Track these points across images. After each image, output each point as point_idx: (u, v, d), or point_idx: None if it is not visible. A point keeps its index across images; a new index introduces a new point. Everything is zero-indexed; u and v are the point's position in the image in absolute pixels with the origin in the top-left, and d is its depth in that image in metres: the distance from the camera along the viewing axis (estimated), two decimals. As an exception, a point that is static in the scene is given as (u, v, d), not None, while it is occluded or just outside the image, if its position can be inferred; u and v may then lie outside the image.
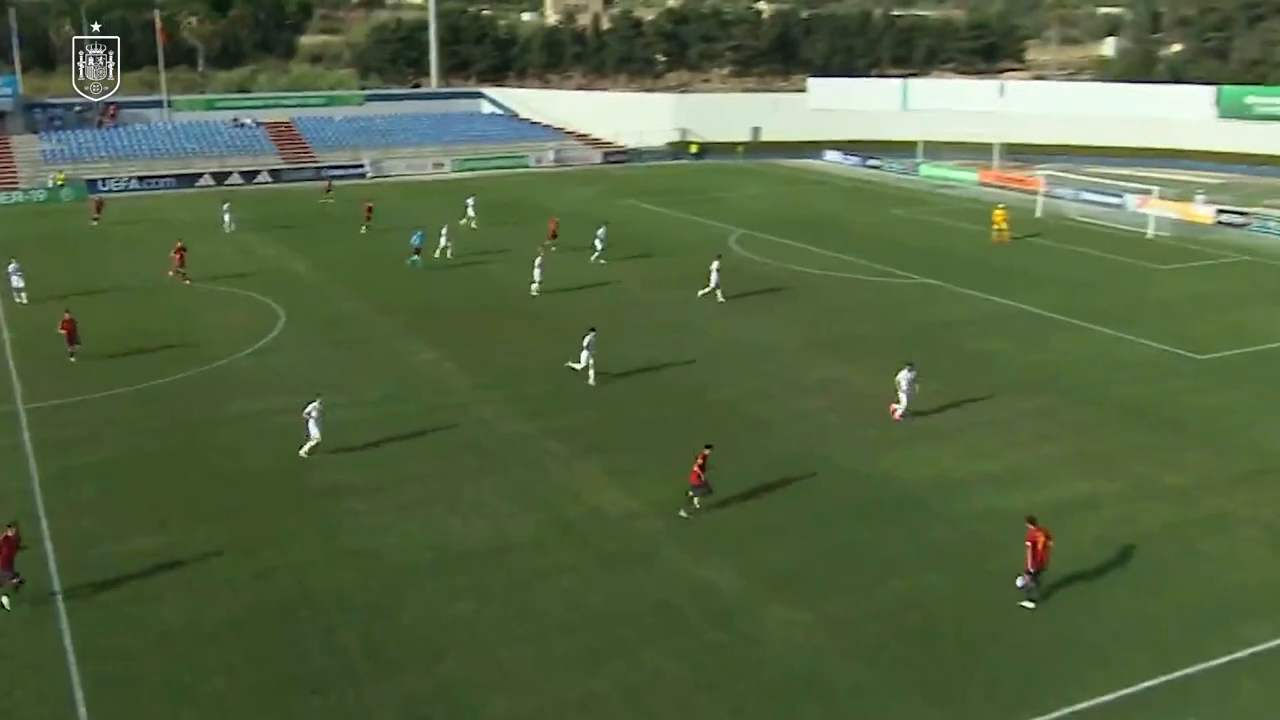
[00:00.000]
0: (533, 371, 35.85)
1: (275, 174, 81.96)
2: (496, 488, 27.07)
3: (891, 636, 20.86)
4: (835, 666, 19.98)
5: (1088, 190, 73.59)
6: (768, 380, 35.21)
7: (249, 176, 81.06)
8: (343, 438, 29.45)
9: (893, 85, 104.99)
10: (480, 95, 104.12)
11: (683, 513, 25.46)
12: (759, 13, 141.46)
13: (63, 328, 37.15)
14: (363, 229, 60.02)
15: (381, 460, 28.68)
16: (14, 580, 21.84)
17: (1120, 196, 71.31)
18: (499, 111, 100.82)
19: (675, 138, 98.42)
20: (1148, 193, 67.29)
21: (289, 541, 24.34)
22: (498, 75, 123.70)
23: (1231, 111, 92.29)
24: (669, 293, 46.68)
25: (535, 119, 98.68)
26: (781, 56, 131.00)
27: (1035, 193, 72.03)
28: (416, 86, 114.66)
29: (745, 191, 77.09)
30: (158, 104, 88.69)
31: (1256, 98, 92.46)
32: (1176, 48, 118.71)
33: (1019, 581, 22.02)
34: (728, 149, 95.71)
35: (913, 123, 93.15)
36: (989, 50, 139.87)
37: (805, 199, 72.16)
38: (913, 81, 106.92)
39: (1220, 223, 65.59)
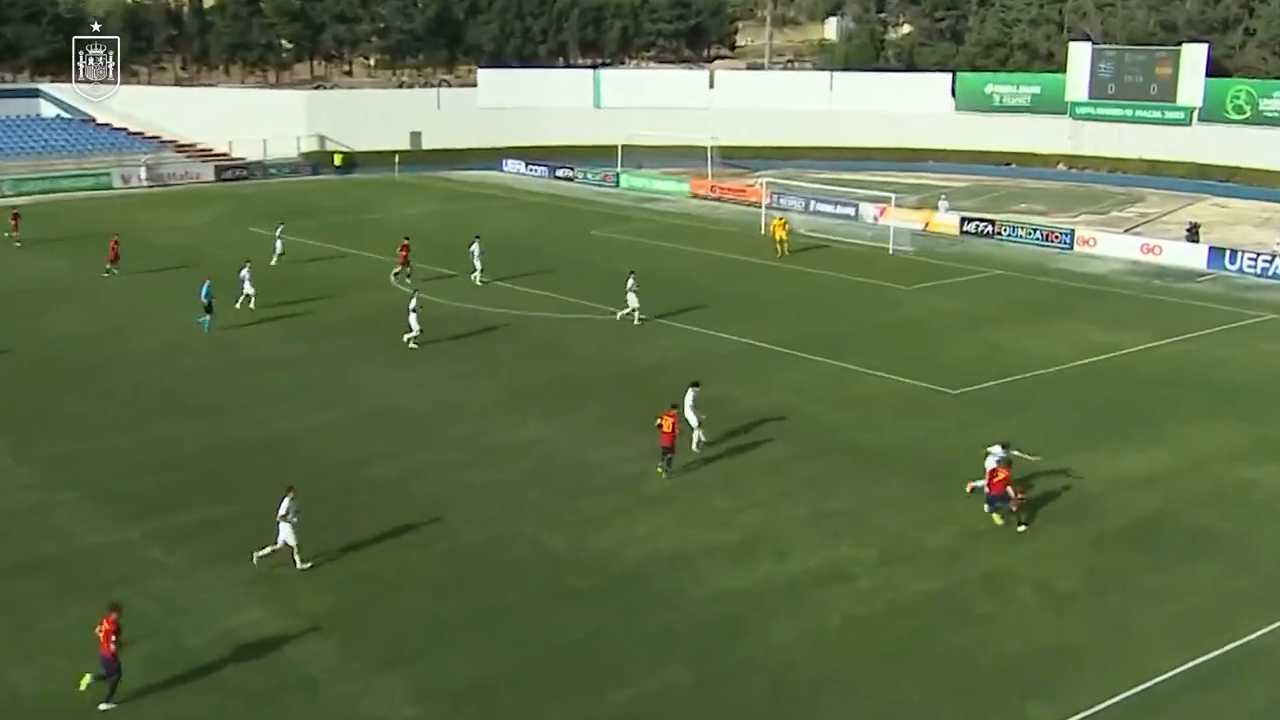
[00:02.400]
0: (123, 453, 34.42)
1: None
2: (83, 619, 25.34)
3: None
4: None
5: (818, 199, 78.04)
6: (453, 447, 35.15)
7: None
8: None
9: (582, 77, 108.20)
10: (38, 93, 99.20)
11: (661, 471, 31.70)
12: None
13: None
14: None
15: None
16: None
17: (855, 206, 76.05)
18: (66, 115, 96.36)
19: (313, 146, 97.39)
20: (885, 200, 72.17)
21: None
22: (62, 67, 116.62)
23: (970, 102, 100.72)
24: (317, 344, 46.12)
25: (120, 124, 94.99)
26: (444, 42, 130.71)
27: (758, 205, 75.72)
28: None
29: (406, 212, 76.95)
30: None
31: (997, 85, 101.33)
32: (906, 29, 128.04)
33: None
34: (383, 160, 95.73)
35: (609, 123, 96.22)
36: (695, 34, 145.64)
37: (483, 220, 72.71)
38: (606, 73, 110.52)
39: (967, 233, 71.14)
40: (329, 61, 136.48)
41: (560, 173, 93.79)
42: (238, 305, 49.94)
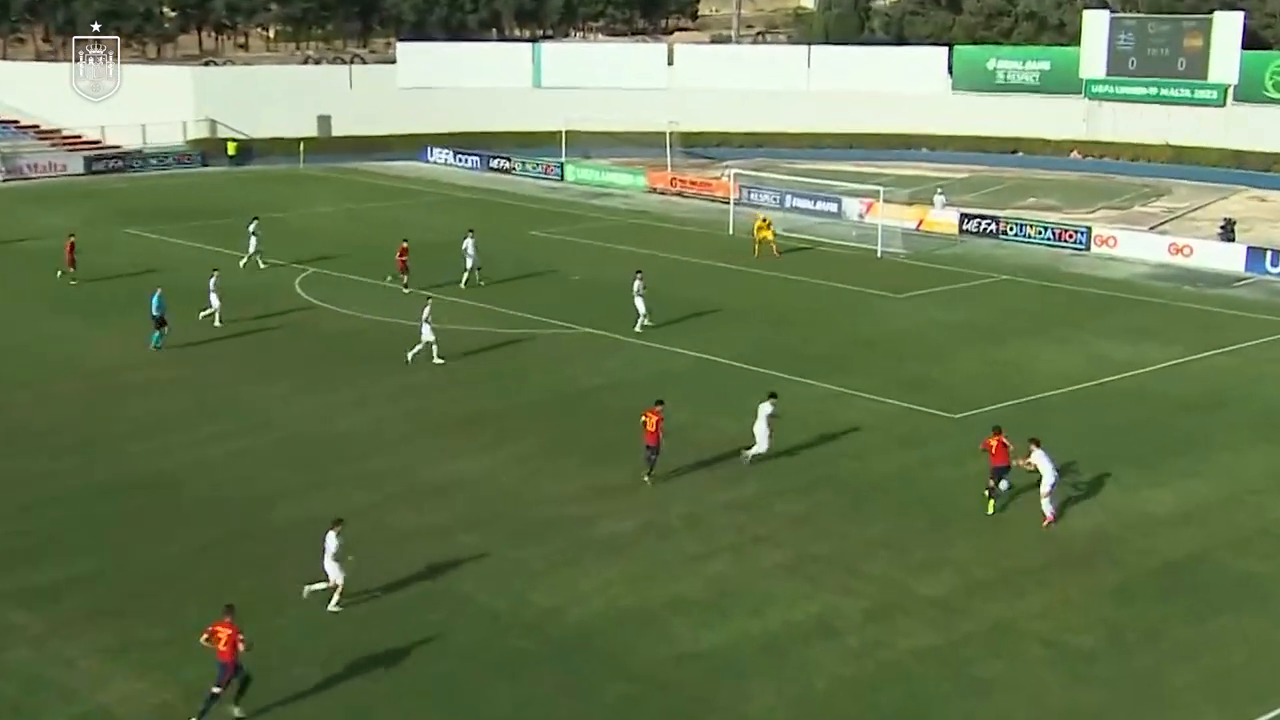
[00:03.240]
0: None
1: None
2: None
3: None
4: None
5: (795, 194, 78.32)
6: (371, 484, 34.93)
7: None
8: None
9: (519, 53, 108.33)
10: None
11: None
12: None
13: None
14: None
15: None
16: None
17: (838, 202, 76.36)
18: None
19: (203, 133, 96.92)
20: (873, 195, 72.50)
21: None
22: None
23: (969, 81, 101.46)
24: (206, 365, 46.07)
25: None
26: (356, 10, 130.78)
27: (725, 200, 75.85)
28: None
29: (313, 210, 76.75)
30: None
31: (1000, 61, 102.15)
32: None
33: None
34: (285, 148, 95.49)
35: (551, 106, 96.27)
36: (651, 1, 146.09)
37: (405, 219, 72.56)
38: (547, 47, 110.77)
39: (967, 231, 71.56)
40: (220, 33, 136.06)
41: (495, 164, 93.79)
42: (200, 316, 50.22)
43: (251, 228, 60.72)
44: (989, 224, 71.61)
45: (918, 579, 29.95)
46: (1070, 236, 69.02)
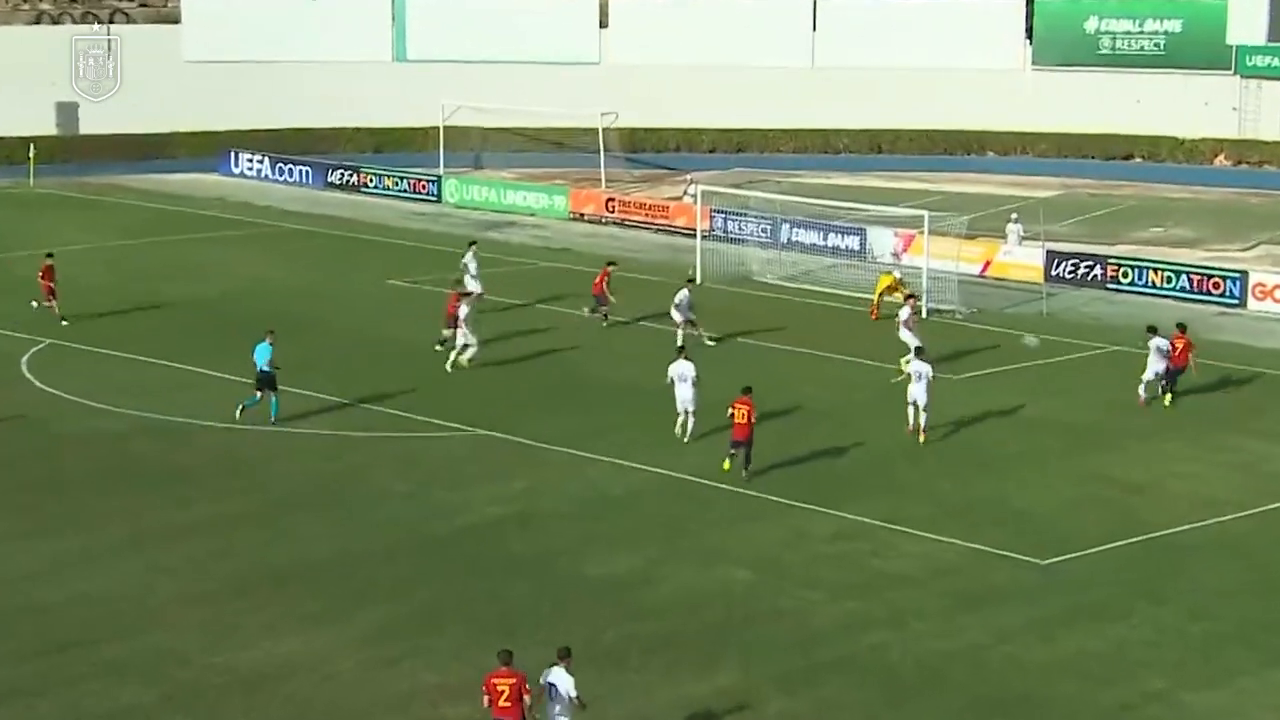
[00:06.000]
0: None
1: None
2: None
3: None
4: None
5: (797, 222, 78.20)
6: (128, 677, 34.34)
7: None
8: None
9: (372, 10, 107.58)
10: None
11: None
12: None
13: None
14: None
15: None
16: None
17: (860, 233, 76.26)
18: None
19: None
20: (914, 224, 72.58)
21: None
22: None
23: (1058, 51, 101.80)
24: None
25: None
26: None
27: (688, 231, 75.69)
28: None
29: (54, 248, 76.18)
30: None
31: (1107, 21, 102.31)
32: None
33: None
34: (6, 153, 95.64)
35: (422, 89, 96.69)
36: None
37: (199, 261, 72.27)
38: (415, 2, 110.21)
39: (1057, 278, 71.65)
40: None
41: (337, 177, 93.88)
42: (454, 356, 56.37)
43: (469, 260, 62.53)
44: (1091, 267, 71.94)
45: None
46: (1215, 286, 69.32)
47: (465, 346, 56.37)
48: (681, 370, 49.16)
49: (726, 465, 45.79)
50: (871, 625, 37.35)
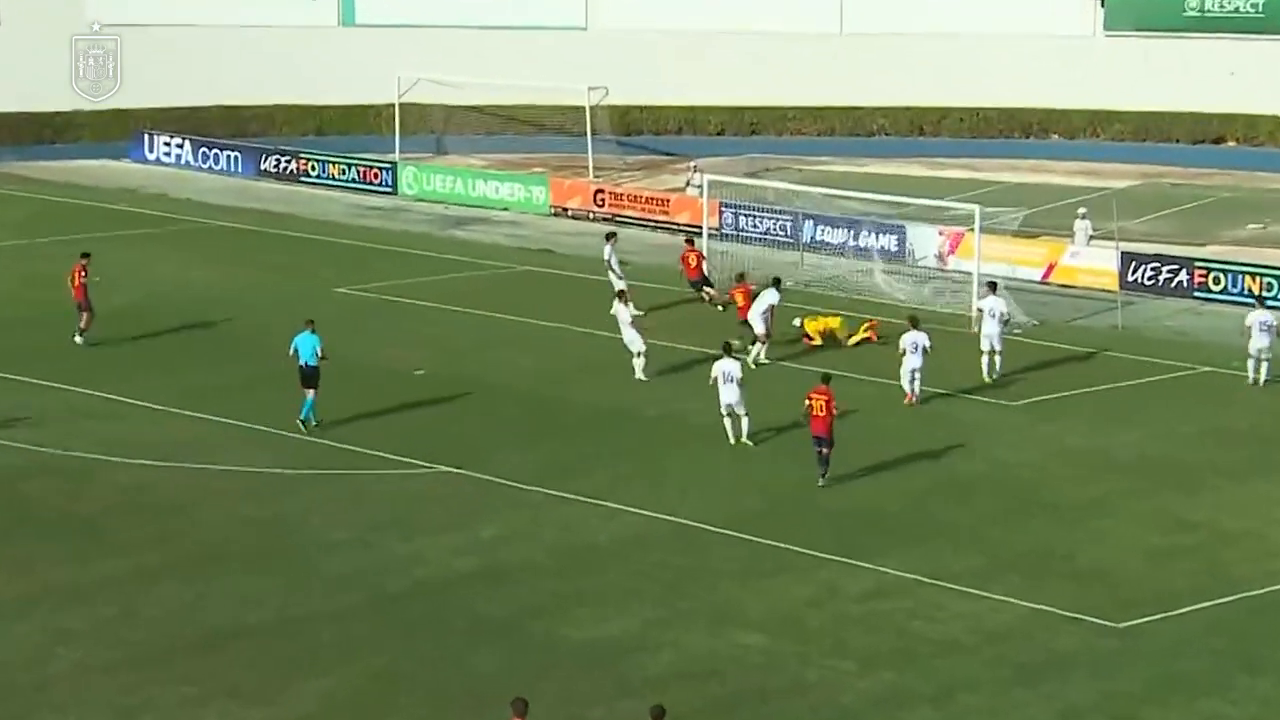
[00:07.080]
0: None
1: None
2: None
3: None
4: None
5: (822, 219, 78.19)
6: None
7: None
8: None
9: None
10: None
11: None
12: None
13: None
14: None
15: None
16: None
17: (900, 232, 76.25)
18: None
19: None
20: (963, 221, 72.85)
21: None
22: None
23: (1135, 15, 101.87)
24: None
25: None
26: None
27: (693, 230, 75.64)
28: None
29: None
30: None
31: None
32: None
33: None
34: None
35: (374, 60, 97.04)
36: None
37: (106, 264, 72.29)
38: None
39: (1134, 285, 71.50)
40: None
41: (272, 164, 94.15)
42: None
43: (609, 254, 63.71)
44: (1175, 271, 71.95)
45: None
46: (1323, 294, 69.08)
47: (638, 354, 58.22)
48: (727, 368, 51.02)
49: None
50: (912, 701, 37.16)
